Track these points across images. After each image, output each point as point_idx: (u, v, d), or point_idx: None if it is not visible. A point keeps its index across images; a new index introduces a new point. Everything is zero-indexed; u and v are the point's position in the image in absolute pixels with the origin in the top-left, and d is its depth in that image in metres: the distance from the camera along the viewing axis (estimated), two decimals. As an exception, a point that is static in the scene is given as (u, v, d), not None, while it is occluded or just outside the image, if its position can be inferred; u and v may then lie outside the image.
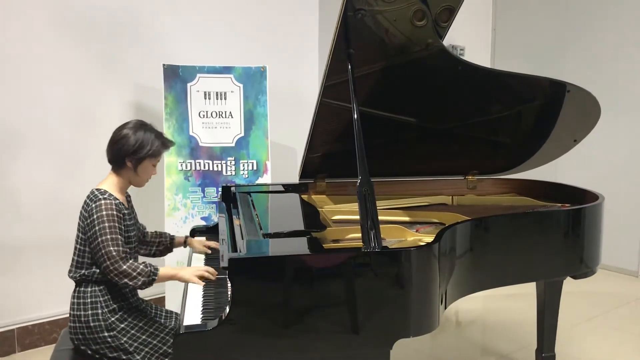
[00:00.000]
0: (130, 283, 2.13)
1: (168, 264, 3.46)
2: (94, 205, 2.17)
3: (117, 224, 2.16)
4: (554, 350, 2.94)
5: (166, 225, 3.54)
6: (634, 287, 4.69)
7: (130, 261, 2.16)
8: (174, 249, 2.70)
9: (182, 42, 3.95)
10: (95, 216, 2.15)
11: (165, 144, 2.34)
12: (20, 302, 3.42)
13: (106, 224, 2.13)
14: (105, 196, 2.19)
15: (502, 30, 5.78)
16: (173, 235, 2.69)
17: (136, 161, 2.25)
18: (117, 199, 2.23)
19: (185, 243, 2.69)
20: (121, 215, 2.21)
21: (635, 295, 4.50)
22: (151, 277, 2.15)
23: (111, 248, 2.11)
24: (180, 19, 3.94)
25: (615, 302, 4.29)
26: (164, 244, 2.64)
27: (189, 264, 2.59)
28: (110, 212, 2.16)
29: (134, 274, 2.12)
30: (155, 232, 2.65)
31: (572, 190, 3.05)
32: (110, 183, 2.28)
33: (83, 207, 2.25)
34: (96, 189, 2.24)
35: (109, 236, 2.12)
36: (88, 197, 2.24)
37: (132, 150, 2.23)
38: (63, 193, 3.47)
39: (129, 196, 2.46)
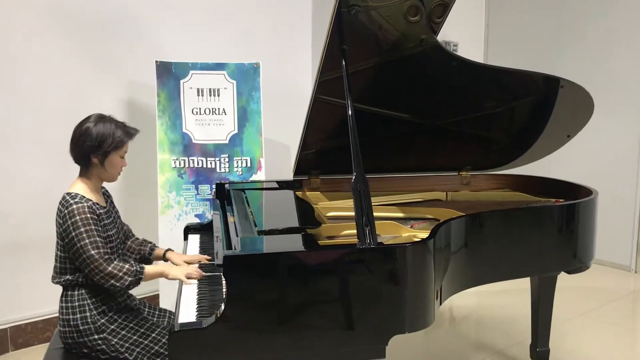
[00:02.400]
0: (117, 284, 2.09)
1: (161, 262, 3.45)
2: (66, 212, 2.11)
3: (93, 227, 2.10)
4: (548, 345, 2.95)
5: (160, 223, 3.53)
6: (628, 281, 4.72)
7: (115, 262, 2.12)
8: (153, 262, 2.54)
9: (175, 39, 3.93)
10: (69, 222, 2.10)
11: (128, 132, 2.23)
12: (13, 300, 3.40)
13: (82, 229, 2.08)
14: (76, 200, 2.13)
15: (496, 26, 5.78)
16: (154, 246, 2.55)
17: (102, 156, 2.18)
18: (90, 200, 2.17)
19: (164, 257, 2.52)
20: (96, 217, 2.15)
21: (628, 289, 4.53)
22: (138, 277, 2.12)
23: (92, 252, 2.07)
24: (173, 15, 3.92)
25: (609, 296, 4.31)
26: (143, 254, 2.52)
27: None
28: (83, 215, 2.10)
29: (120, 274, 2.09)
30: (138, 239, 2.56)
31: (566, 185, 3.06)
32: (80, 185, 2.22)
33: (57, 213, 2.19)
34: (67, 193, 2.18)
35: (87, 240, 2.08)
36: (60, 202, 2.18)
37: (95, 145, 2.15)
38: (55, 190, 3.41)
39: (107, 192, 2.40)
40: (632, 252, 4.91)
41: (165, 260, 2.51)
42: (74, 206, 2.11)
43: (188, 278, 2.17)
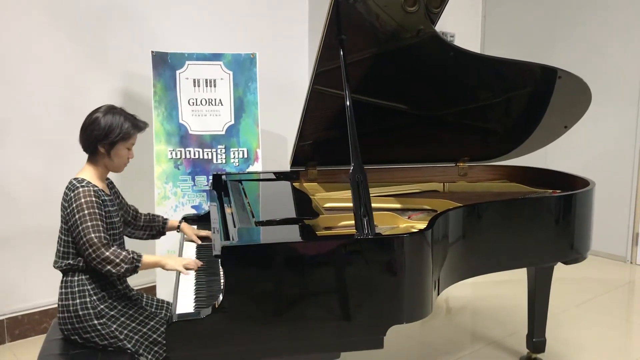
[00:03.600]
0: (114, 270, 2.10)
1: (159, 252, 3.45)
2: (72, 195, 2.15)
3: (97, 211, 2.14)
4: (544, 335, 2.97)
5: (156, 214, 3.51)
6: (624, 272, 4.74)
7: (113, 248, 2.13)
8: (167, 233, 2.70)
9: (171, 29, 3.90)
10: (74, 205, 2.13)
11: (137, 125, 2.29)
12: (9, 292, 3.40)
13: (85, 212, 2.11)
14: (83, 184, 2.17)
15: (492, 17, 5.77)
16: (166, 219, 2.68)
17: (109, 146, 2.23)
18: (96, 186, 2.20)
19: (178, 227, 2.67)
20: (101, 202, 2.18)
21: (624, 280, 4.55)
22: (134, 264, 2.13)
23: (92, 235, 2.09)
24: (169, 5, 3.89)
25: (605, 287, 4.33)
26: (157, 229, 2.64)
27: (180, 254, 2.57)
28: (88, 199, 2.13)
29: (117, 260, 2.09)
30: (148, 215, 2.64)
31: (563, 176, 3.07)
32: (87, 172, 2.26)
33: (63, 197, 2.23)
34: (74, 179, 2.22)
35: (89, 223, 2.10)
36: (67, 187, 2.22)
37: (102, 135, 2.20)
38: (51, 182, 3.44)
39: (111, 183, 2.44)
40: (628, 243, 4.93)
41: (179, 230, 2.65)
42: (80, 189, 2.14)
43: (186, 269, 2.18)
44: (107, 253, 2.09)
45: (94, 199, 2.14)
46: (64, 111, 3.49)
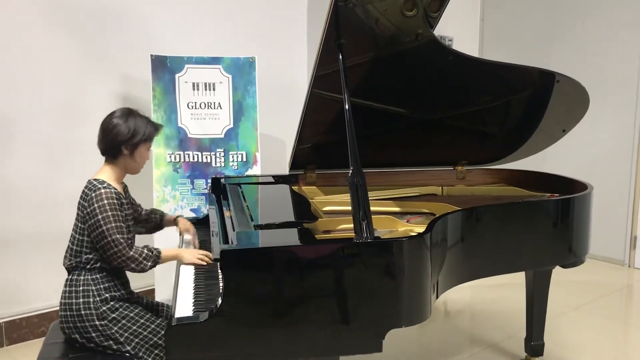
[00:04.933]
0: (137, 268, 2.20)
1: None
2: (93, 195, 2.19)
3: (118, 212, 2.20)
4: (542, 339, 2.97)
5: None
6: (622, 275, 4.74)
7: (135, 247, 2.23)
8: (165, 228, 2.73)
9: (170, 33, 3.91)
10: (96, 205, 2.17)
11: (156, 127, 2.40)
12: (7, 295, 3.39)
13: (109, 212, 2.17)
14: (104, 185, 2.22)
15: (491, 20, 5.78)
16: (164, 213, 2.72)
17: (132, 147, 2.29)
18: (116, 189, 2.25)
19: (175, 221, 2.71)
20: (120, 204, 2.24)
21: (622, 283, 4.56)
22: (156, 261, 2.25)
23: (117, 236, 2.16)
24: (168, 9, 3.90)
25: (603, 290, 4.34)
26: (154, 221, 2.67)
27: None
28: (111, 200, 2.19)
29: (140, 258, 2.20)
30: (146, 210, 2.68)
31: (561, 180, 3.07)
32: (106, 173, 2.30)
33: (81, 197, 2.27)
34: (94, 179, 2.26)
35: (113, 224, 2.16)
36: (86, 187, 2.26)
37: (127, 137, 2.26)
38: (51, 185, 3.44)
39: (126, 186, 2.49)
40: (626, 246, 4.94)
41: (176, 224, 2.70)
42: (102, 190, 2.19)
43: (201, 261, 2.26)
44: (132, 252, 2.19)
45: (115, 200, 2.20)
46: (63, 114, 3.49)
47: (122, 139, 2.26)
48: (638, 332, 3.64)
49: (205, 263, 2.25)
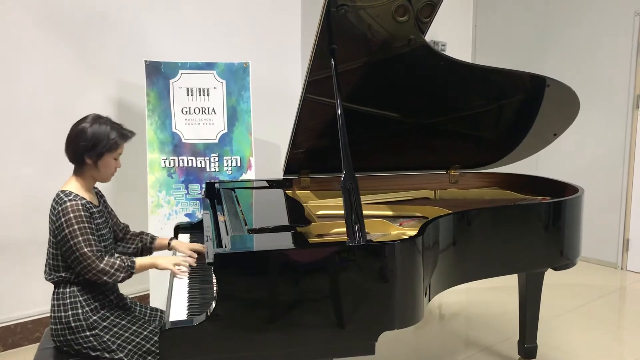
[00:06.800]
0: (110, 280, 2.13)
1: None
2: (60, 209, 2.12)
3: (86, 224, 2.12)
4: (535, 341, 2.99)
5: (150, 222, 3.53)
6: (615, 278, 4.77)
7: (107, 258, 2.15)
8: (155, 252, 2.58)
9: (164, 38, 3.92)
10: (63, 219, 2.11)
11: (124, 134, 2.25)
12: (1, 301, 3.39)
13: (75, 226, 2.10)
14: (70, 197, 2.14)
15: (483, 26, 5.82)
16: (155, 236, 2.61)
17: (96, 157, 2.20)
18: (84, 199, 2.18)
19: (169, 246, 2.55)
20: (89, 215, 2.16)
21: (615, 286, 4.58)
22: (129, 271, 2.17)
23: (85, 250, 2.09)
24: (162, 15, 3.92)
25: (596, 293, 4.36)
26: (143, 242, 2.55)
27: None
28: (77, 213, 2.11)
29: (112, 270, 2.13)
30: (135, 232, 2.59)
31: (553, 183, 3.10)
32: (74, 183, 2.23)
33: (50, 210, 2.20)
34: (61, 191, 2.19)
35: (80, 238, 2.10)
36: (54, 200, 2.19)
37: (89, 146, 2.17)
38: (44, 191, 3.44)
39: (100, 193, 2.42)
40: (619, 249, 4.97)
41: (170, 249, 2.54)
42: (68, 203, 2.12)
43: (177, 267, 2.22)
44: (102, 265, 2.11)
45: (82, 213, 2.12)
46: (57, 120, 3.49)
47: (84, 147, 2.17)
48: (631, 334, 3.66)
49: (182, 272, 2.22)
